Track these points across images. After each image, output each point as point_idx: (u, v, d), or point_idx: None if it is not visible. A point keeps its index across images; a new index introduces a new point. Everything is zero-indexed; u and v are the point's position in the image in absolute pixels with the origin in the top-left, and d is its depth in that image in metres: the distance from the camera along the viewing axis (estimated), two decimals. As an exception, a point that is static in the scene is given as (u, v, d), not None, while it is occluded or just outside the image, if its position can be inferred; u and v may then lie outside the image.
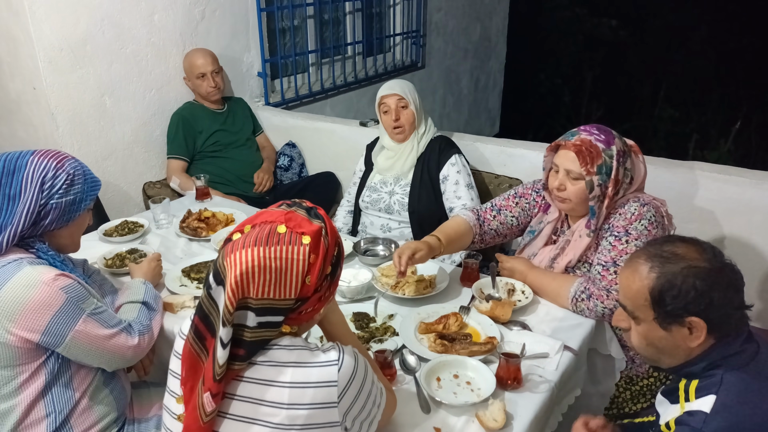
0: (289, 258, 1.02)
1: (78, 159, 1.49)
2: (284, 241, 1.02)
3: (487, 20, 5.85)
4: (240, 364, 1.04)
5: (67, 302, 1.36)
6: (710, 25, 7.47)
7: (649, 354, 1.22)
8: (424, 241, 1.82)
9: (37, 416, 1.41)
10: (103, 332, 1.42)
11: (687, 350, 1.16)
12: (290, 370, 1.04)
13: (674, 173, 2.38)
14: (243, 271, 1.00)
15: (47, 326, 1.34)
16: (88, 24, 2.74)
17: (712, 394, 1.10)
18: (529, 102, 7.99)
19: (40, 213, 1.40)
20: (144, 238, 2.31)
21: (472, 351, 1.52)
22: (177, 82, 3.18)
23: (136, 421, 1.60)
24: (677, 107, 7.33)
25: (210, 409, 1.03)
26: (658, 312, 1.15)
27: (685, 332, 1.14)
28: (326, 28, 4.09)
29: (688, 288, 1.10)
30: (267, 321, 1.03)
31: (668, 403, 1.22)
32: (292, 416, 1.03)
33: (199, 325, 1.07)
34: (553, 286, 1.78)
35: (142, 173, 3.17)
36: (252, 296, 1.01)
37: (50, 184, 1.40)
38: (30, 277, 1.34)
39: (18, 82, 2.76)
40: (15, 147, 2.90)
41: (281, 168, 3.46)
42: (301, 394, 1.03)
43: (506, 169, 2.78)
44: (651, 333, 1.18)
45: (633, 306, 1.19)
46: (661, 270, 1.14)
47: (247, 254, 1.00)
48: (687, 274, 1.11)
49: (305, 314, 1.10)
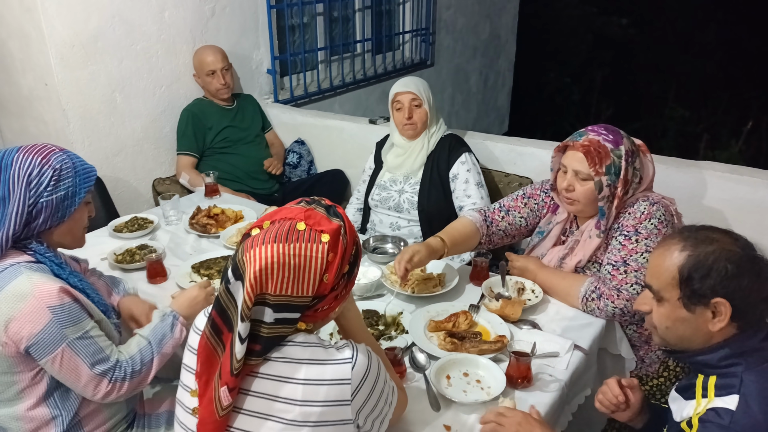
0: (307, 255, 1.02)
1: (68, 151, 1.42)
2: (303, 238, 1.02)
3: (496, 18, 5.83)
4: (255, 359, 1.04)
5: (51, 323, 1.28)
6: (721, 24, 7.42)
7: (667, 337, 1.20)
8: (425, 243, 1.80)
9: (44, 418, 1.39)
10: (79, 368, 1.33)
11: (707, 335, 1.15)
12: (304, 367, 1.05)
13: (685, 173, 2.37)
14: (262, 267, 1.00)
15: (28, 342, 1.29)
16: (99, 21, 2.76)
17: (736, 394, 1.09)
18: (538, 100, 7.96)
19: (31, 213, 1.34)
20: (154, 234, 2.32)
21: (482, 349, 1.52)
22: (187, 78, 3.19)
23: (146, 416, 1.60)
24: (688, 107, 7.28)
25: (226, 403, 1.03)
26: (685, 291, 1.14)
27: (709, 315, 1.13)
28: (335, 25, 4.09)
29: (718, 269, 1.10)
30: (284, 317, 1.04)
31: (682, 399, 1.21)
32: (305, 413, 1.03)
33: (216, 319, 1.08)
34: (564, 285, 1.78)
35: (152, 169, 3.18)
36: (270, 292, 1.01)
37: (37, 181, 1.33)
38: (23, 287, 1.29)
39: (30, 78, 2.78)
40: (27, 143, 2.92)
41: (290, 165, 3.47)
42: (315, 391, 1.04)
43: (516, 168, 2.77)
44: (673, 314, 1.17)
45: (659, 285, 1.18)
46: (693, 250, 1.13)
47: (266, 250, 1.01)
48: (719, 256, 1.10)
49: (321, 312, 1.10)
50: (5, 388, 1.36)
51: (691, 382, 1.20)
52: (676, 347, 1.20)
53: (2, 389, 1.36)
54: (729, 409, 1.08)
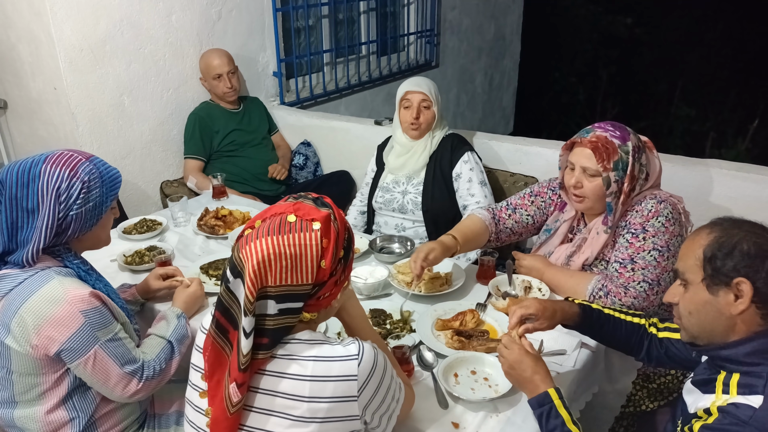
0: (302, 244, 1.04)
1: (93, 157, 1.42)
2: (296, 228, 1.05)
3: (501, 18, 5.84)
4: (264, 353, 1.06)
5: (84, 327, 1.31)
6: (727, 23, 7.39)
7: (690, 327, 1.20)
8: (439, 241, 1.83)
9: (62, 420, 1.41)
10: (111, 369, 1.36)
11: (729, 322, 1.14)
12: (311, 364, 1.06)
13: (692, 171, 2.36)
14: (260, 260, 1.02)
15: (60, 346, 1.31)
16: (108, 25, 2.78)
17: (760, 394, 1.08)
18: (544, 100, 7.96)
19: (61, 225, 1.35)
20: (162, 236, 2.34)
21: (490, 347, 1.52)
22: (194, 81, 3.22)
23: (157, 417, 1.62)
24: (694, 106, 7.26)
25: (236, 400, 1.05)
26: (708, 271, 1.14)
27: (731, 298, 1.12)
28: (341, 27, 4.11)
29: (741, 249, 1.10)
30: (287, 307, 1.06)
31: (700, 393, 1.19)
32: (313, 409, 1.05)
33: (220, 319, 1.09)
34: (571, 283, 1.78)
35: (160, 172, 3.20)
36: (271, 284, 1.03)
37: (66, 195, 1.33)
38: (56, 292, 1.31)
39: (39, 81, 2.81)
40: (36, 146, 2.97)
41: (296, 167, 3.48)
42: (322, 387, 1.05)
43: (521, 167, 2.77)
44: (696, 297, 1.17)
45: (685, 267, 1.18)
46: (720, 233, 1.14)
47: (261, 244, 1.03)
48: (743, 238, 1.11)
49: (324, 300, 1.12)
50: (28, 389, 1.38)
51: (711, 377, 1.19)
52: (699, 339, 1.20)
53: (25, 390, 1.38)
54: (752, 406, 1.07)
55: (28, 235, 1.34)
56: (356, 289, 1.86)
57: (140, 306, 1.82)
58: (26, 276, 1.33)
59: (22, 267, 1.35)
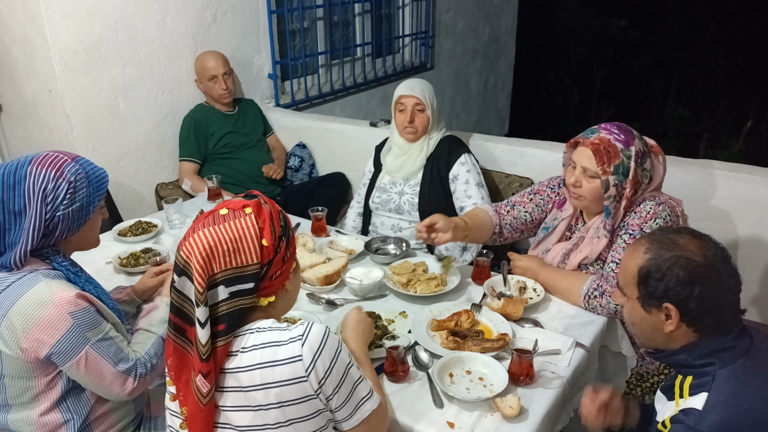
0: (239, 227, 1.08)
1: (79, 158, 1.42)
2: (229, 217, 1.10)
3: (496, 21, 5.85)
4: (224, 339, 1.08)
5: (73, 328, 1.31)
6: (720, 25, 7.43)
7: (635, 334, 1.27)
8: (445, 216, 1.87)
9: (56, 423, 1.41)
10: (105, 368, 1.36)
11: (666, 336, 1.20)
12: (259, 352, 1.08)
13: (686, 171, 2.38)
14: (202, 250, 1.05)
15: (50, 349, 1.30)
16: (103, 27, 2.78)
17: (705, 392, 1.12)
18: (539, 102, 7.98)
19: (48, 226, 1.34)
20: (158, 238, 2.34)
21: (485, 347, 1.53)
22: (189, 83, 3.22)
23: (152, 419, 1.62)
24: (688, 107, 7.30)
25: (206, 390, 1.06)
26: (642, 291, 1.19)
27: (662, 317, 1.18)
28: (336, 29, 4.11)
29: (671, 275, 1.14)
30: (237, 290, 1.08)
31: (665, 399, 1.23)
32: (267, 395, 1.06)
33: (176, 320, 1.11)
34: (566, 283, 1.79)
35: (155, 174, 3.20)
36: (217, 270, 1.06)
37: (52, 196, 1.32)
38: (43, 294, 1.30)
39: (34, 84, 2.80)
40: (31, 149, 2.97)
41: (292, 169, 3.49)
42: (271, 372, 1.06)
43: (517, 169, 2.78)
44: (635, 311, 1.23)
45: (623, 282, 1.25)
46: (654, 253, 1.18)
47: (201, 237, 1.07)
48: (675, 262, 1.14)
49: (276, 280, 1.13)
50: (20, 393, 1.38)
51: (672, 382, 1.23)
52: (646, 345, 1.24)
53: (17, 394, 1.38)
54: (696, 409, 1.10)
55: (15, 237, 1.33)
56: (352, 290, 1.86)
57: (137, 307, 1.81)
58: (14, 279, 1.33)
59: (10, 270, 1.35)
